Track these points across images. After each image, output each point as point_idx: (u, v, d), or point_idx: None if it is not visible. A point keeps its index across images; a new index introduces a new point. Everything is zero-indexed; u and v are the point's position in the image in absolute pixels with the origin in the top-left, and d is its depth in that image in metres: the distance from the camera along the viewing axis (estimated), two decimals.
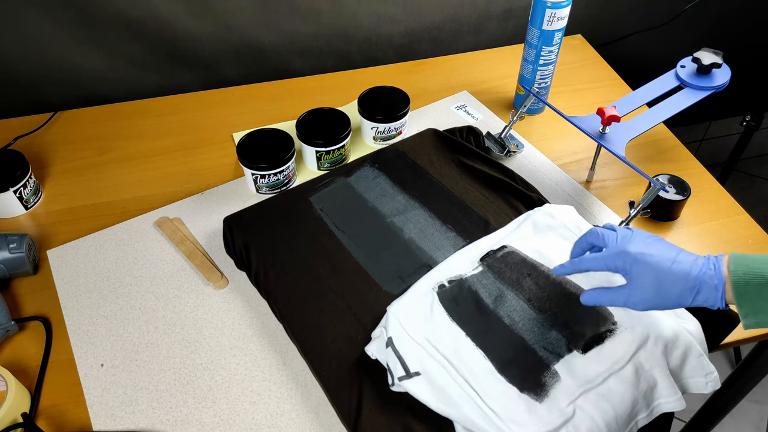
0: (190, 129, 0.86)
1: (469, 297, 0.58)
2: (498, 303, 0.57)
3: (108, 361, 0.59)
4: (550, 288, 0.58)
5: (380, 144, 0.83)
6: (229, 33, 0.92)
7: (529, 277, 0.59)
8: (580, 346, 0.54)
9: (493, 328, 0.56)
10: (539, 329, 0.55)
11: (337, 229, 0.67)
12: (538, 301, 0.57)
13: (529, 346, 0.54)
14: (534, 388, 0.52)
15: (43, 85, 0.90)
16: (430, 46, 1.04)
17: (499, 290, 0.58)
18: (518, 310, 0.57)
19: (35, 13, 0.83)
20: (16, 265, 0.65)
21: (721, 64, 0.75)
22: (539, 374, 0.52)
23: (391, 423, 0.52)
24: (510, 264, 0.60)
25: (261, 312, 0.63)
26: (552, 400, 0.51)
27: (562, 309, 0.56)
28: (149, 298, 0.64)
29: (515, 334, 0.55)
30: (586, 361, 0.53)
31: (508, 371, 0.53)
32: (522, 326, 0.56)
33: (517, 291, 0.58)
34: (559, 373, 0.53)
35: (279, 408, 0.56)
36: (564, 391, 0.51)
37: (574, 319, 0.55)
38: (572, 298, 0.57)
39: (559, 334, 0.55)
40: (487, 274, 0.60)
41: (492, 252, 0.62)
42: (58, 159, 0.81)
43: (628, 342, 0.54)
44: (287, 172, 0.75)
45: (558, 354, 0.54)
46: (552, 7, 0.75)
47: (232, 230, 0.67)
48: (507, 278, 0.59)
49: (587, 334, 0.54)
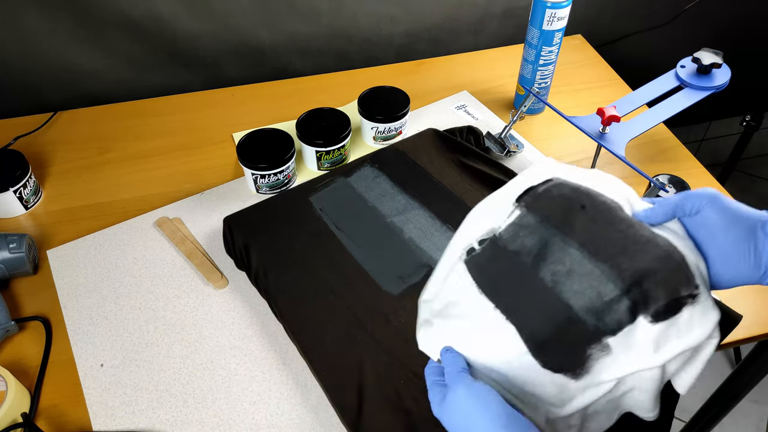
0: (190, 129, 0.86)
1: (504, 258, 0.44)
2: (540, 259, 0.43)
3: (108, 361, 0.59)
4: (614, 226, 0.42)
5: (380, 144, 0.83)
6: (229, 33, 0.92)
7: (583, 210, 0.43)
8: (651, 311, 0.39)
9: (531, 294, 0.42)
10: (592, 288, 0.40)
11: (337, 229, 0.67)
12: (595, 244, 0.41)
13: (575, 315, 0.40)
14: (573, 367, 0.41)
15: (43, 85, 0.90)
16: (430, 46, 1.04)
17: (541, 239, 0.43)
18: (566, 262, 0.42)
19: (35, 13, 0.82)
20: (16, 265, 0.65)
21: (721, 64, 0.75)
22: (584, 348, 0.40)
23: (392, 423, 0.52)
24: (557, 198, 0.44)
25: (261, 312, 0.63)
26: (591, 376, 0.41)
27: (631, 257, 0.40)
28: (149, 298, 0.64)
29: (559, 300, 0.41)
30: (653, 335, 0.40)
31: (543, 353, 0.41)
32: (569, 287, 0.41)
33: (565, 235, 0.42)
34: (611, 346, 0.40)
35: (279, 408, 0.56)
36: (611, 365, 0.40)
37: (646, 273, 0.40)
38: (648, 244, 0.41)
39: (621, 293, 0.39)
40: (526, 218, 0.44)
41: (532, 188, 0.46)
42: (58, 159, 0.81)
43: (708, 315, 0.41)
44: (287, 172, 0.75)
45: (616, 322, 0.39)
46: (552, 7, 0.75)
47: (232, 230, 0.67)
48: (553, 219, 0.43)
49: (661, 297, 0.39)
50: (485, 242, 0.46)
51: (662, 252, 0.41)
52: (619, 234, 0.42)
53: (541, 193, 0.45)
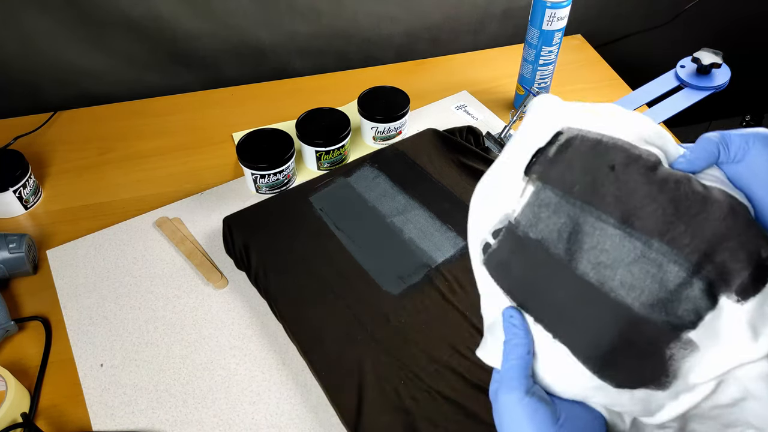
0: (189, 129, 0.86)
1: (529, 250, 0.35)
2: (574, 246, 0.33)
3: (107, 361, 0.59)
4: (657, 187, 0.32)
5: (380, 144, 0.83)
6: (229, 33, 0.92)
7: (614, 172, 0.33)
8: (734, 287, 0.31)
9: (573, 297, 0.33)
10: (650, 275, 0.31)
11: (336, 229, 0.67)
12: (640, 216, 0.32)
13: (637, 315, 0.32)
14: (655, 377, 0.32)
15: (43, 85, 0.90)
16: (430, 46, 1.04)
17: (569, 219, 0.34)
18: (608, 248, 0.32)
19: (35, 13, 0.82)
20: (16, 265, 0.64)
21: (721, 64, 0.75)
22: (662, 350, 0.32)
23: (392, 423, 0.52)
24: (576, 160, 0.34)
25: (261, 312, 0.63)
26: (682, 379, 0.32)
27: (689, 224, 0.31)
28: (149, 298, 0.64)
29: (611, 301, 0.32)
30: (746, 316, 0.31)
31: (611, 371, 0.33)
32: (619, 280, 0.32)
33: (598, 209, 0.33)
34: (695, 342, 0.31)
35: (278, 408, 0.56)
36: (701, 364, 0.32)
37: (716, 241, 0.31)
38: (706, 202, 0.32)
39: (688, 274, 0.31)
40: (543, 193, 0.34)
41: (541, 151, 0.35)
42: (58, 159, 0.81)
43: None
44: (287, 172, 0.75)
45: (692, 312, 0.31)
46: (552, 7, 0.75)
47: (231, 230, 0.67)
48: (578, 190, 0.33)
49: (743, 266, 0.30)
50: (500, 233, 0.36)
51: (725, 209, 0.31)
52: (666, 196, 0.32)
53: (555, 157, 0.34)
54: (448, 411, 0.52)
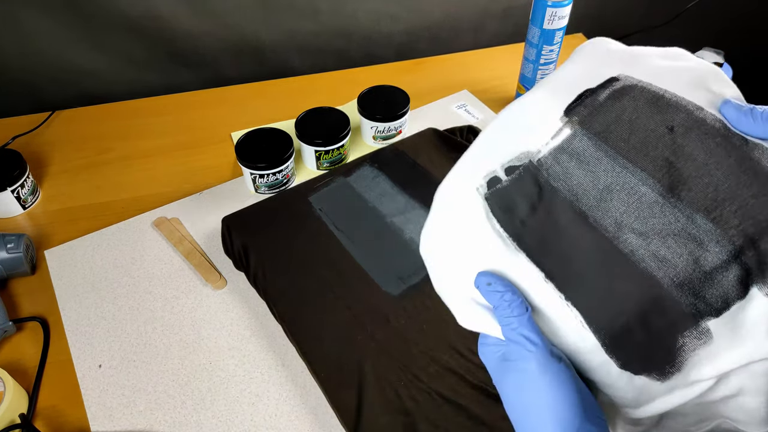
0: (188, 128, 0.86)
1: (550, 198, 0.31)
2: (604, 206, 0.30)
3: (106, 362, 0.59)
4: (718, 157, 0.29)
5: (380, 143, 0.82)
6: (228, 32, 0.92)
7: (672, 134, 0.30)
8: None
9: (597, 263, 0.30)
10: (688, 251, 0.29)
11: (336, 229, 0.67)
12: (690, 187, 0.29)
13: (665, 293, 0.29)
14: (660, 365, 0.30)
15: (41, 84, 0.90)
16: (430, 45, 1.03)
17: (606, 176, 0.30)
18: (645, 215, 0.29)
19: (34, 12, 0.82)
20: (14, 266, 0.64)
21: (723, 63, 0.75)
22: (675, 338, 0.29)
23: (392, 424, 0.51)
24: (629, 113, 0.31)
25: (260, 313, 0.63)
26: (683, 374, 0.30)
27: (743, 204, 0.28)
28: (147, 299, 0.64)
29: (639, 273, 0.29)
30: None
31: (621, 349, 0.30)
32: (653, 251, 0.29)
33: (644, 172, 0.30)
34: (712, 332, 0.29)
35: (278, 409, 0.55)
36: (710, 358, 0.29)
37: (763, 226, 0.28)
38: (766, 181, 0.29)
39: (729, 257, 0.28)
40: (580, 141, 0.31)
41: (589, 93, 0.32)
42: (56, 158, 0.81)
43: None
44: (286, 172, 0.74)
45: (721, 299, 0.29)
46: (553, 6, 0.75)
47: (230, 230, 0.67)
48: (624, 147, 0.30)
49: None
50: (517, 170, 0.31)
51: None
52: (726, 170, 0.28)
53: (605, 104, 0.30)
54: (448, 412, 0.52)
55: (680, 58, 0.34)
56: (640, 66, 0.32)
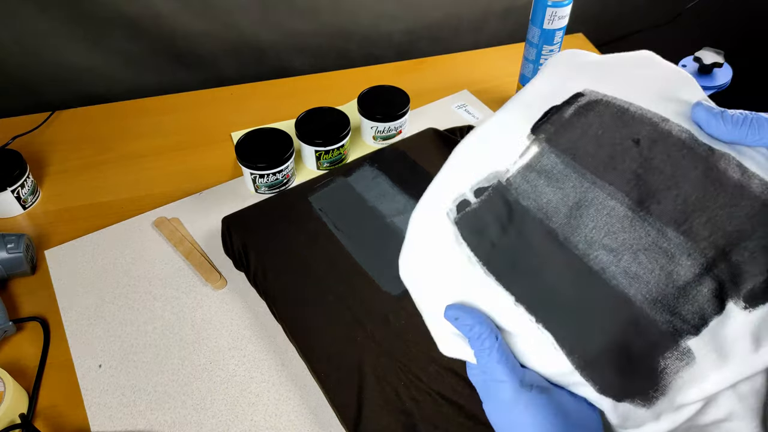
0: (188, 128, 0.86)
1: (519, 218, 0.31)
2: (574, 222, 0.30)
3: (106, 362, 0.59)
4: (685, 170, 0.29)
5: (380, 143, 0.82)
6: (227, 31, 0.92)
7: (638, 147, 0.29)
8: (744, 293, 0.28)
9: (568, 281, 0.29)
10: (659, 267, 0.28)
11: (336, 229, 0.67)
12: (659, 200, 0.29)
13: (639, 311, 0.28)
14: (643, 390, 0.29)
15: (40, 85, 0.90)
16: (430, 45, 1.03)
17: (575, 193, 0.30)
18: (616, 230, 0.29)
19: (34, 12, 0.82)
20: (14, 266, 0.64)
21: (723, 63, 0.75)
22: (655, 360, 0.28)
23: (392, 425, 0.51)
24: (595, 128, 0.30)
25: (260, 313, 0.63)
26: (668, 398, 0.29)
27: (712, 216, 0.28)
28: (147, 299, 0.64)
29: (611, 291, 0.29)
30: (751, 326, 0.28)
31: (597, 373, 0.29)
32: (623, 268, 0.28)
33: (612, 186, 0.29)
34: (693, 351, 0.28)
35: (278, 409, 0.55)
36: (695, 380, 0.28)
37: (736, 238, 0.28)
38: (736, 193, 0.28)
39: (701, 270, 0.28)
40: (548, 158, 0.31)
41: (555, 110, 0.32)
42: (56, 159, 0.81)
43: None
44: (286, 172, 0.74)
45: (697, 315, 0.28)
46: (553, 6, 0.75)
47: (230, 230, 0.67)
48: (592, 162, 0.30)
49: (759, 270, 0.28)
50: (486, 192, 0.31)
51: (757, 204, 0.27)
52: (693, 182, 0.28)
53: (571, 120, 0.30)
54: (448, 412, 0.52)
55: (649, 64, 0.33)
56: (608, 78, 0.32)
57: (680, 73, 0.33)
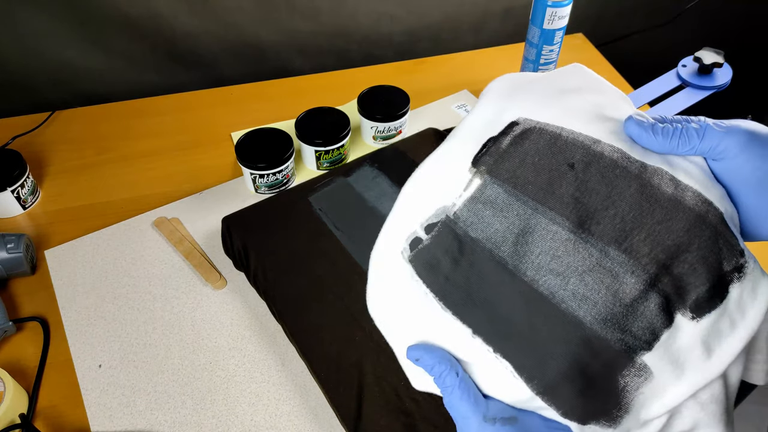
0: (188, 128, 0.86)
1: (468, 250, 0.31)
2: (521, 250, 0.30)
3: (106, 362, 0.59)
4: (620, 189, 0.30)
5: (380, 143, 0.82)
6: (228, 31, 0.92)
7: (573, 170, 0.30)
8: (689, 304, 0.29)
9: (519, 309, 0.30)
10: (605, 287, 0.29)
11: (336, 229, 0.67)
12: (598, 221, 0.30)
13: (591, 332, 0.29)
14: (606, 410, 0.29)
15: (40, 84, 0.90)
16: (430, 45, 1.03)
17: (519, 220, 0.31)
18: (560, 254, 0.29)
19: (33, 12, 0.82)
20: (14, 266, 0.64)
21: (723, 63, 0.75)
22: (614, 379, 0.29)
23: (392, 425, 0.51)
24: (531, 156, 0.31)
25: (260, 313, 0.63)
26: (633, 415, 0.29)
27: (650, 232, 0.29)
28: (147, 299, 0.64)
29: (561, 314, 0.29)
30: (700, 335, 0.29)
31: (558, 398, 0.29)
32: (571, 291, 0.29)
33: (552, 211, 0.30)
34: (650, 367, 0.29)
35: (278, 409, 0.55)
36: (656, 394, 0.29)
37: (675, 252, 0.29)
38: (671, 207, 0.29)
39: (645, 286, 0.29)
40: (490, 189, 0.32)
41: (492, 142, 0.33)
42: (56, 159, 0.81)
43: (760, 285, 0.29)
44: (286, 172, 0.74)
45: (648, 331, 0.29)
46: (553, 6, 0.75)
47: (230, 230, 0.67)
48: (532, 189, 0.31)
49: (701, 281, 0.29)
50: (435, 228, 0.32)
51: (692, 217, 0.29)
52: (629, 200, 0.29)
53: (508, 150, 0.31)
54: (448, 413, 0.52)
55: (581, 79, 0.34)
56: (541, 103, 0.33)
57: (610, 88, 0.34)
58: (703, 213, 0.29)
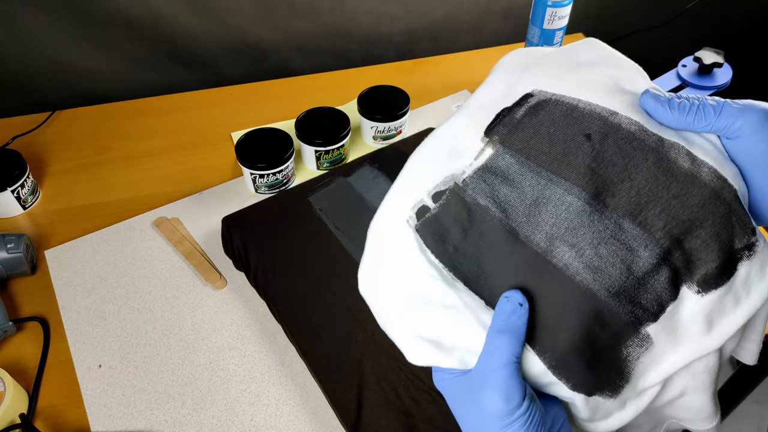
0: (188, 128, 0.86)
1: (479, 219, 0.30)
2: (533, 220, 0.30)
3: (106, 362, 0.59)
4: (636, 161, 0.29)
5: (380, 143, 0.82)
6: (228, 31, 0.92)
7: (590, 142, 0.30)
8: (698, 278, 0.29)
9: (533, 280, 0.29)
10: (619, 259, 0.28)
11: (336, 229, 0.67)
12: (613, 193, 0.29)
13: (603, 304, 0.28)
14: (611, 381, 0.29)
15: (41, 84, 0.90)
16: (431, 45, 1.03)
17: (532, 190, 0.30)
18: (575, 226, 0.29)
19: (33, 12, 0.82)
20: (14, 266, 0.64)
21: (723, 63, 0.75)
22: (619, 349, 0.29)
23: (392, 424, 0.51)
24: (547, 126, 0.31)
25: (260, 313, 0.63)
26: (632, 384, 0.30)
27: (665, 207, 0.29)
28: (147, 299, 0.64)
29: (575, 286, 0.29)
30: (704, 310, 0.29)
31: (568, 370, 0.29)
32: (585, 263, 0.29)
33: (568, 181, 0.29)
34: (652, 337, 0.29)
35: (278, 409, 0.55)
36: (653, 363, 0.30)
37: (689, 227, 0.29)
38: (687, 182, 0.29)
39: (658, 260, 0.28)
40: (503, 159, 0.31)
41: (506, 112, 0.32)
42: (56, 158, 0.81)
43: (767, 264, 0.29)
44: (286, 172, 0.74)
45: (655, 302, 0.29)
46: (553, 6, 0.75)
47: (230, 230, 0.67)
48: (547, 160, 0.30)
49: (712, 257, 0.29)
50: (443, 196, 0.31)
51: (708, 192, 0.28)
52: (645, 173, 0.29)
53: (522, 120, 0.31)
54: (448, 412, 0.52)
55: (596, 52, 0.33)
56: (556, 76, 0.32)
57: (627, 62, 0.33)
58: (719, 189, 0.29)
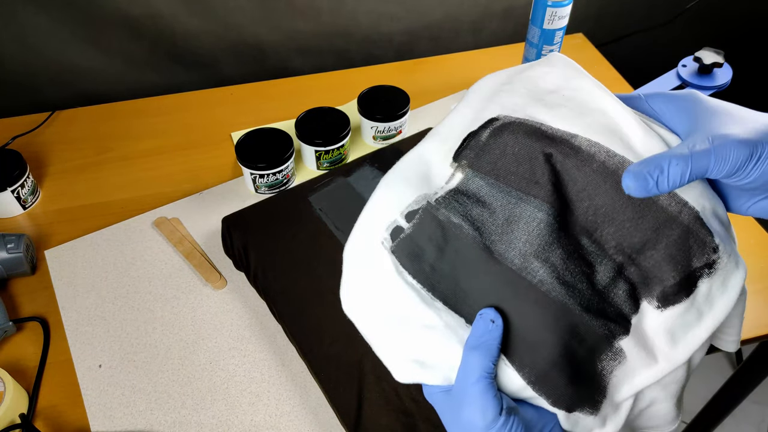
0: (188, 128, 0.86)
1: (453, 237, 0.31)
2: (507, 239, 0.30)
3: (106, 362, 0.59)
4: (596, 183, 0.30)
5: (380, 143, 0.82)
6: (228, 31, 0.92)
7: (549, 162, 0.31)
8: (656, 294, 0.30)
9: (510, 296, 0.30)
10: (585, 273, 0.30)
11: (336, 229, 0.67)
12: (576, 212, 0.30)
13: (579, 318, 0.29)
14: (591, 396, 0.30)
15: (41, 84, 0.90)
16: (431, 45, 1.03)
17: (502, 209, 0.31)
18: (546, 241, 0.29)
19: (33, 12, 0.82)
20: (14, 266, 0.64)
21: (723, 63, 0.75)
22: (593, 363, 0.30)
23: (392, 424, 0.51)
24: (512, 147, 0.31)
25: (260, 313, 0.63)
26: (609, 399, 0.30)
27: (619, 226, 0.30)
28: (147, 299, 0.64)
29: (550, 300, 0.29)
30: (666, 324, 0.30)
31: (549, 386, 0.30)
32: (558, 276, 0.29)
33: (538, 198, 0.30)
34: (625, 351, 0.30)
35: (278, 409, 0.55)
36: (627, 377, 0.30)
37: (641, 247, 0.30)
38: (644, 205, 0.30)
39: (615, 273, 0.30)
40: (473, 182, 0.32)
41: (472, 135, 0.32)
42: (56, 158, 0.81)
43: (732, 278, 0.30)
44: (286, 172, 0.74)
45: (619, 315, 0.30)
46: (553, 6, 0.75)
47: (230, 230, 0.67)
48: (514, 178, 0.31)
49: (667, 276, 0.30)
50: (417, 215, 0.31)
51: (663, 217, 0.29)
52: (604, 195, 0.30)
53: (488, 142, 0.31)
54: None
55: (561, 72, 0.34)
56: (521, 102, 0.33)
57: (587, 79, 0.34)
58: (676, 213, 0.30)
